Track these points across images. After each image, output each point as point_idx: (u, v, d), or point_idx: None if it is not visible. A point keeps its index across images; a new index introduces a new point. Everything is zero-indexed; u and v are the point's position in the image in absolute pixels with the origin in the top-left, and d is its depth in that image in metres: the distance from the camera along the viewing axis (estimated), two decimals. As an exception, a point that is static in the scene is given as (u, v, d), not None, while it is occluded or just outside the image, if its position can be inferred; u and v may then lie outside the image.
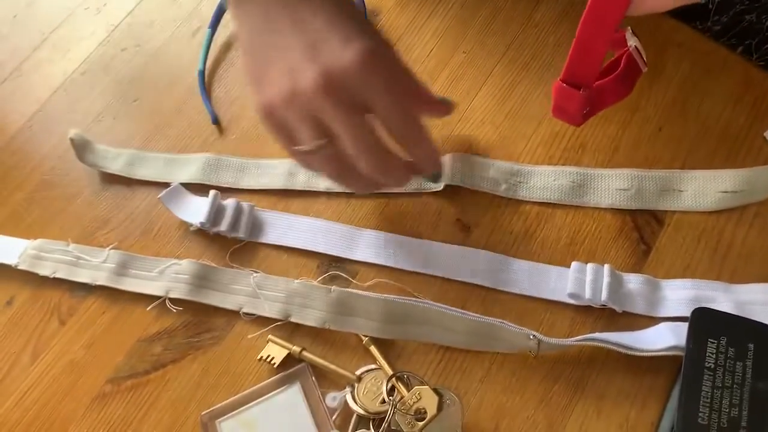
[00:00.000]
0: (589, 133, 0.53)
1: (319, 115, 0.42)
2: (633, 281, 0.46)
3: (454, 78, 0.58)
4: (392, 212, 0.53)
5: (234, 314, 0.50)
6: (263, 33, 0.44)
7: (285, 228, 0.53)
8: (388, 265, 0.51)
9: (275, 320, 0.49)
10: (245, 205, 0.53)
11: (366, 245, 0.52)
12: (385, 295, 0.47)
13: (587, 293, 0.46)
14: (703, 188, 0.49)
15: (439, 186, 0.52)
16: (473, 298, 0.49)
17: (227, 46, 0.64)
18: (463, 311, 0.46)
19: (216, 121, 0.59)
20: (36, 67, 0.65)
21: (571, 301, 0.47)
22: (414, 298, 0.47)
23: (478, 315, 0.46)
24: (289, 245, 0.52)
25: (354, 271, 0.51)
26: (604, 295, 0.45)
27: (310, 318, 0.48)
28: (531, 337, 0.44)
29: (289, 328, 0.49)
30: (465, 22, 0.61)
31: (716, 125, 0.52)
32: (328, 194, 0.54)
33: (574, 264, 0.47)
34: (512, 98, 0.56)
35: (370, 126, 0.43)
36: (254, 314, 0.49)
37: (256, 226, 0.54)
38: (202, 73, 0.62)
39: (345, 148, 0.43)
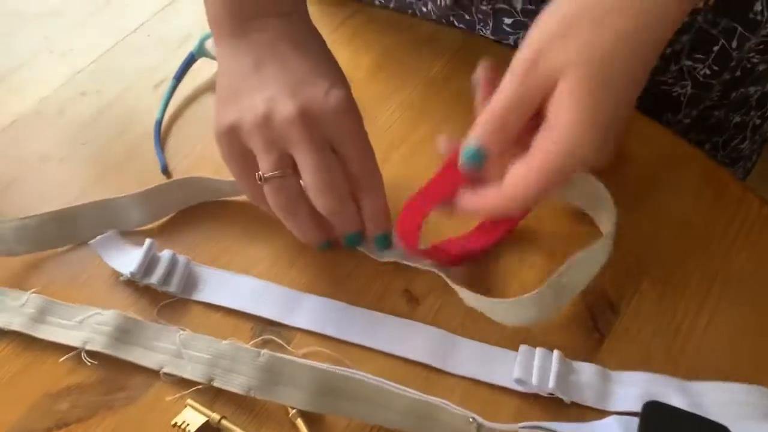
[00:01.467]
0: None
1: (287, 145, 0.44)
2: (584, 371, 0.43)
3: (413, 151, 0.57)
4: (338, 277, 0.50)
5: (153, 374, 0.46)
6: (249, 70, 0.46)
7: (220, 286, 0.50)
8: (327, 333, 0.47)
9: (197, 383, 0.45)
10: (181, 258, 0.50)
11: (306, 311, 0.48)
12: (318, 364, 0.43)
13: (534, 380, 0.42)
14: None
15: (386, 257, 0.50)
16: (414, 375, 0.45)
17: (188, 101, 0.62)
18: (401, 387, 0.42)
19: (165, 170, 0.57)
20: (-12, 104, 0.63)
21: (518, 388, 0.44)
22: (350, 370, 0.43)
23: (418, 393, 0.42)
24: (223, 305, 0.49)
25: (290, 338, 0.47)
26: (551, 383, 0.42)
27: (235, 383, 0.44)
28: (471, 420, 0.40)
29: (211, 393, 0.45)
30: (431, 97, 0.61)
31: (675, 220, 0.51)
32: (272, 255, 0.52)
33: (522, 347, 0.44)
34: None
35: (335, 164, 0.45)
36: (175, 375, 0.45)
37: (190, 281, 0.50)
38: (159, 122, 0.60)
39: (306, 181, 0.44)
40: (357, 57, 0.65)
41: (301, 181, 0.45)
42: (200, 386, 0.45)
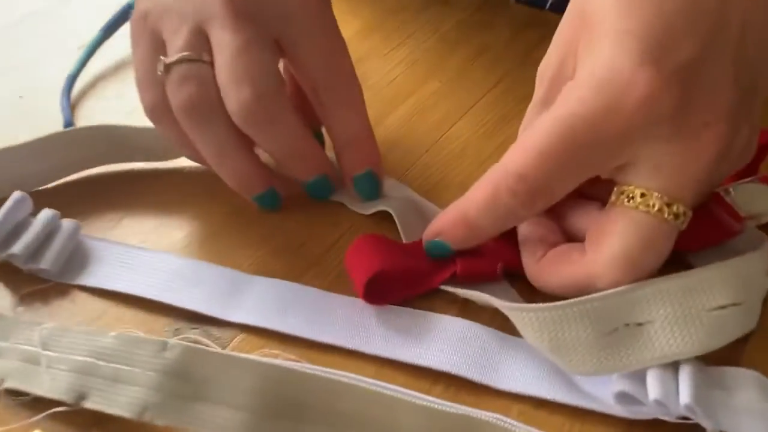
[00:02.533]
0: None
1: (203, 21, 0.31)
2: (738, 381, 0.25)
3: (424, 106, 0.41)
4: (304, 253, 0.32)
5: (-10, 392, 0.27)
6: None
7: (123, 266, 0.32)
8: (286, 332, 0.29)
9: (59, 404, 0.26)
10: (67, 224, 0.32)
11: (253, 300, 0.30)
12: (270, 360, 0.25)
13: (654, 393, 0.24)
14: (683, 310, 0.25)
15: (369, 209, 0.33)
16: (432, 394, 0.26)
17: (120, 66, 0.46)
18: (420, 395, 0.24)
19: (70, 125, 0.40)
20: None
21: (617, 408, 0.25)
22: (326, 369, 0.25)
23: (451, 404, 0.23)
24: (123, 291, 0.31)
25: (226, 339, 0.29)
26: (685, 399, 0.24)
27: (120, 401, 0.25)
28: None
29: (82, 419, 0.26)
30: (441, 57, 0.46)
31: None
32: (202, 230, 0.34)
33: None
34: (504, 132, 0.39)
35: (270, 59, 0.31)
36: (26, 393, 0.26)
37: (77, 259, 0.32)
38: (72, 77, 0.44)
39: (218, 76, 0.31)
40: (343, 18, 0.50)
41: None
42: (62, 408, 0.26)
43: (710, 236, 0.30)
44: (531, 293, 0.29)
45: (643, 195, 0.25)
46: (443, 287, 0.30)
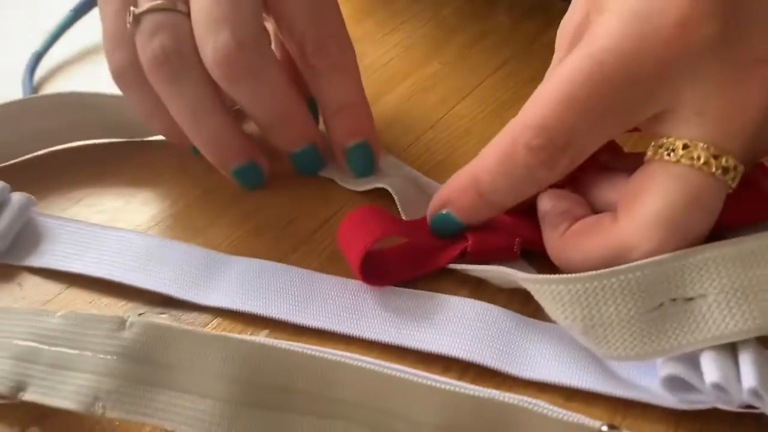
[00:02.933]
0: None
1: None
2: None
3: (423, 87, 0.38)
4: (291, 233, 0.28)
5: None
6: None
7: (78, 245, 0.27)
8: (270, 315, 0.24)
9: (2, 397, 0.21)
10: (17, 198, 0.28)
11: (232, 281, 0.26)
12: (249, 338, 0.21)
13: (712, 376, 0.20)
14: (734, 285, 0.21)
15: (363, 185, 0.29)
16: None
17: (87, 52, 0.43)
18: (438, 378, 0.20)
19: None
20: None
21: (664, 397, 0.21)
22: (317, 348, 0.21)
23: (474, 387, 0.19)
24: (78, 272, 0.26)
25: (198, 325, 0.25)
26: (750, 382, 0.19)
27: (64, 391, 0.20)
28: (604, 429, 0.17)
29: (30, 416, 0.21)
30: (440, 41, 0.42)
31: None
32: (173, 207, 0.30)
33: None
34: (512, 113, 0.35)
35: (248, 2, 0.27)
36: (-49, 387, 0.22)
37: (27, 237, 0.28)
38: (37, 55, 0.40)
39: (194, 23, 0.27)
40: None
41: None
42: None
43: (755, 210, 0.26)
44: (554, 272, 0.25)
45: (686, 146, 0.21)
46: (452, 266, 0.26)
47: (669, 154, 0.22)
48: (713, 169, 0.21)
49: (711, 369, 0.20)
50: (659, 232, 0.21)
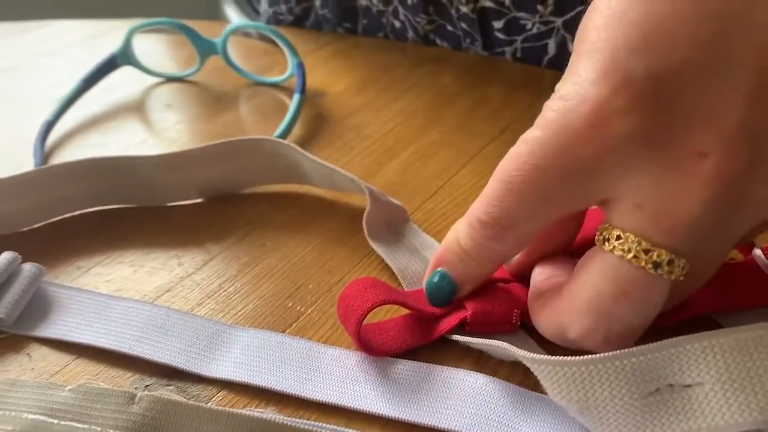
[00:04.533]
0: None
1: None
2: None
3: (424, 155, 0.39)
4: (295, 303, 0.29)
5: None
6: None
7: (87, 316, 0.28)
8: (275, 388, 0.25)
9: (-2, 472, 0.21)
10: (28, 268, 0.28)
11: (238, 352, 0.26)
12: (254, 413, 0.21)
13: None
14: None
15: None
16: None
17: (98, 120, 0.44)
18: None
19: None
20: None
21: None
22: (321, 425, 0.21)
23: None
24: (87, 344, 0.27)
25: (204, 397, 0.25)
26: None
27: (74, 467, 0.21)
28: None
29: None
30: (441, 109, 0.44)
31: None
32: (185, 268, 0.30)
33: None
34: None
35: None
36: (-42, 461, 0.22)
37: (36, 307, 0.28)
38: (49, 123, 0.41)
39: None
40: (335, 75, 0.49)
41: None
42: (1, 478, 0.21)
43: (752, 294, 0.26)
44: (555, 346, 0.26)
45: (618, 237, 0.21)
46: (454, 337, 0.26)
47: (604, 243, 0.22)
48: (642, 263, 0.21)
49: None
50: (587, 317, 0.22)
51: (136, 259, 0.31)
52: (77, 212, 0.34)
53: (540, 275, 0.26)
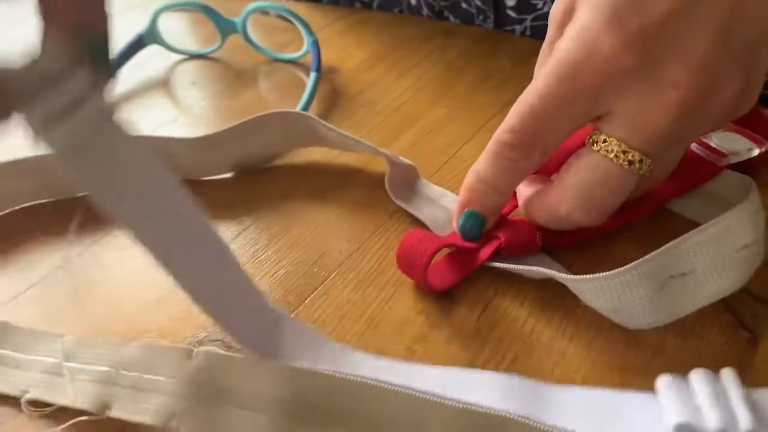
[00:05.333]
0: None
1: None
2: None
3: (431, 130, 0.42)
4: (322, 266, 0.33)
5: (13, 403, 0.27)
6: None
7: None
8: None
9: (83, 413, 0.26)
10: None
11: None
12: (294, 365, 0.25)
13: (714, 421, 0.24)
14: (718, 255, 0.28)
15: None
16: None
17: (126, 98, 0.48)
18: (450, 398, 0.24)
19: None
20: None
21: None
22: (352, 375, 0.25)
23: (480, 405, 0.24)
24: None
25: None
26: (745, 424, 0.24)
27: (146, 408, 0.25)
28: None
29: (107, 427, 0.26)
30: (448, 83, 0.47)
31: None
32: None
33: (664, 378, 0.25)
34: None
35: None
36: (47, 405, 0.26)
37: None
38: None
39: None
40: (347, 50, 0.52)
41: None
42: (86, 417, 0.26)
43: (697, 175, 0.33)
44: (568, 265, 0.32)
45: (605, 140, 0.28)
46: (494, 264, 0.31)
47: (593, 144, 0.28)
48: (620, 161, 0.28)
49: (713, 415, 0.24)
50: (575, 198, 0.29)
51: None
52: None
53: (526, 187, 0.32)
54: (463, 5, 0.54)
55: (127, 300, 0.31)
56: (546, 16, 0.50)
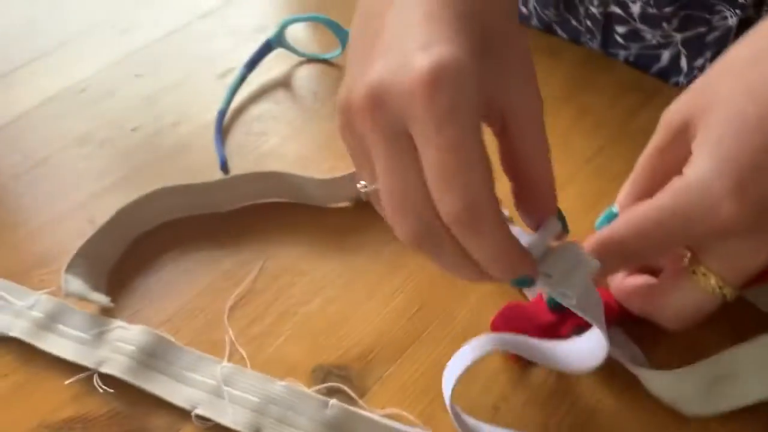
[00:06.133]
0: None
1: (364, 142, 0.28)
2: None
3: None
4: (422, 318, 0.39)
5: (183, 415, 0.35)
6: (367, 18, 0.30)
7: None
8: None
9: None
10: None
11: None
12: (405, 427, 0.32)
13: None
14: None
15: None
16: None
17: (258, 95, 0.53)
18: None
19: (225, 166, 0.47)
20: (32, 74, 0.55)
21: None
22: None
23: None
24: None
25: (363, 389, 0.36)
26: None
27: (289, 441, 0.33)
28: None
29: (254, 450, 0.34)
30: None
31: None
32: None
33: None
34: (599, 208, 0.44)
35: (411, 168, 0.27)
36: (211, 420, 0.34)
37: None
38: (222, 113, 0.50)
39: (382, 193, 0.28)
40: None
41: None
42: (243, 439, 0.34)
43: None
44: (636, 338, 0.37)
45: (704, 274, 0.32)
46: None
47: (694, 273, 0.33)
48: (715, 293, 0.33)
49: None
50: (672, 317, 0.34)
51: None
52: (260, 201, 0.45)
53: (617, 276, 0.37)
54: (573, 23, 0.56)
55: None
56: (652, 47, 0.52)
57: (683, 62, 0.52)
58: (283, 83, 0.54)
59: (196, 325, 0.39)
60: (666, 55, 0.52)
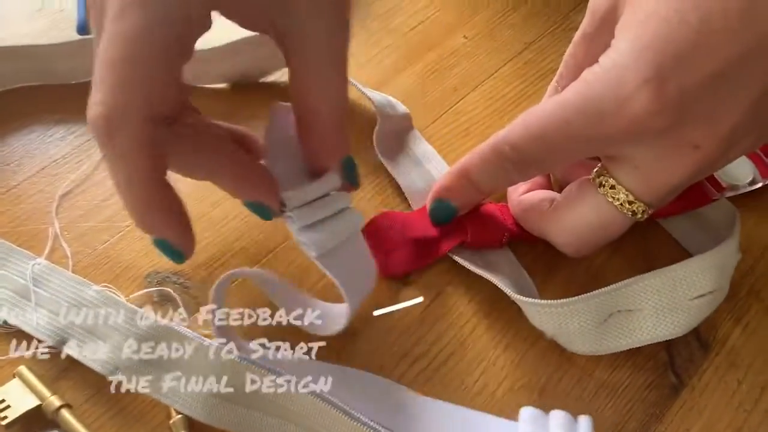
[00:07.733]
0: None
1: None
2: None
3: (441, 66, 0.40)
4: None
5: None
6: None
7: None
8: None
9: (49, 346, 0.28)
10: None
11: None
12: (230, 350, 0.27)
13: None
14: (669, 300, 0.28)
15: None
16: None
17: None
18: (354, 414, 0.26)
19: (83, 29, 0.39)
20: None
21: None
22: (279, 372, 0.27)
23: (377, 424, 0.26)
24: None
25: (202, 300, 0.31)
26: None
27: (95, 357, 0.27)
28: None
29: (59, 365, 0.28)
30: (474, 4, 0.43)
31: None
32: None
33: (527, 411, 0.27)
34: (516, 112, 0.38)
35: None
36: (13, 327, 0.29)
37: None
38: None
39: None
40: None
41: None
42: (45, 349, 0.28)
43: (688, 202, 0.32)
44: (528, 263, 0.32)
45: (612, 187, 0.27)
46: (454, 257, 0.31)
47: (600, 186, 0.28)
48: (624, 210, 0.28)
49: None
50: (570, 236, 0.29)
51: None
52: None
53: (516, 190, 0.32)
54: None
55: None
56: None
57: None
58: None
59: (17, 213, 0.33)
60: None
